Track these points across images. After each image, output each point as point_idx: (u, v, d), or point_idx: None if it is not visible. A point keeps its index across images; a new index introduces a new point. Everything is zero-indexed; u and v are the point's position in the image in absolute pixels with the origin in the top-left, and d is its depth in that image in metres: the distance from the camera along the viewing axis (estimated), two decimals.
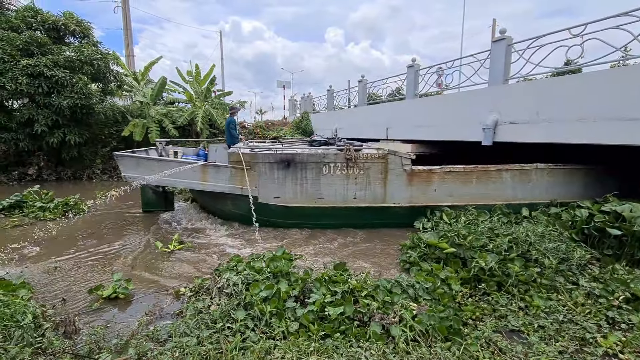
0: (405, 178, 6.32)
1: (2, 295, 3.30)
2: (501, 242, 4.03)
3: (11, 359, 2.31)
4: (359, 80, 12.69)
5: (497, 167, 6.38)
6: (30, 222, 6.70)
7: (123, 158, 6.57)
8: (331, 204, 6.32)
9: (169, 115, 14.66)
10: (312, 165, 6.21)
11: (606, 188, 6.29)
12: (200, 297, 3.30)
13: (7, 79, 10.54)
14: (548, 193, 6.42)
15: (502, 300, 3.24)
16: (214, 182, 6.34)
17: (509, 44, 6.94)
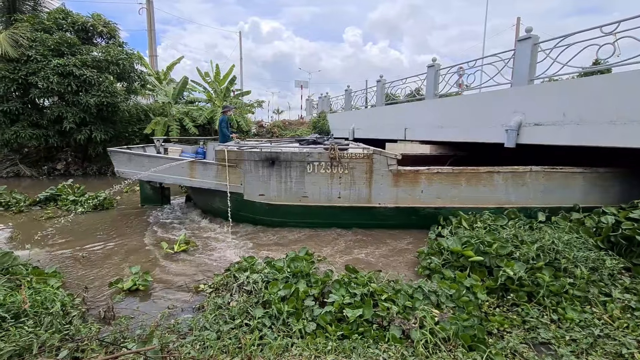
0: (390, 178, 6.19)
1: (35, 283, 3.48)
2: (528, 249, 3.84)
3: (42, 344, 2.42)
4: (377, 80, 12.59)
5: (487, 169, 6.12)
6: (63, 215, 7.01)
7: (116, 154, 6.84)
8: (315, 203, 6.29)
9: (189, 114, 15.00)
10: (296, 163, 6.20)
11: (611, 193, 6.02)
12: (220, 293, 3.35)
13: (39, 78, 11.07)
14: (544, 197, 6.10)
15: (533, 312, 3.07)
16: (201, 178, 6.49)
17: (535, 43, 6.72)
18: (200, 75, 16.60)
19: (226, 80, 16.74)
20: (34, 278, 3.65)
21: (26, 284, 3.42)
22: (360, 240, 5.77)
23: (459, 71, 9.36)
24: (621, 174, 6.01)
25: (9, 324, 2.60)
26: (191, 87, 17.16)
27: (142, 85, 15.03)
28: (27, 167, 12.88)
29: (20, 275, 3.67)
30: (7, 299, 2.83)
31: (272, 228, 6.30)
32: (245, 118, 16.44)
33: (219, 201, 6.49)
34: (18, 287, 3.37)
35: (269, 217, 6.45)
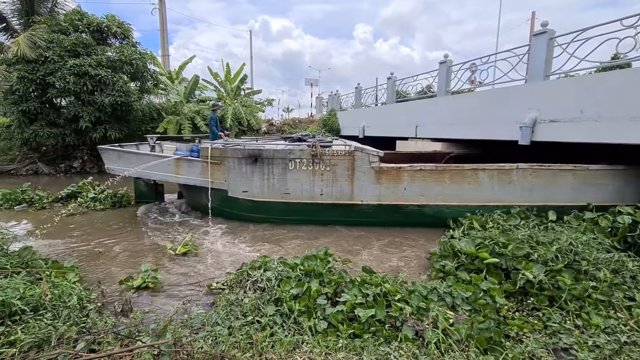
0: (373, 176, 6.11)
1: (54, 277, 3.59)
2: (546, 251, 3.70)
3: (60, 336, 2.50)
4: (388, 77, 12.48)
5: (472, 167, 5.99)
6: (83, 212, 7.21)
7: (106, 151, 7.02)
8: (297, 200, 6.28)
9: (200, 113, 15.18)
10: (278, 160, 6.20)
11: (605, 191, 5.80)
12: (234, 290, 3.37)
13: (56, 78, 11.37)
14: (532, 195, 5.93)
15: (555, 317, 2.94)
16: (187, 175, 6.60)
17: (551, 38, 6.55)
18: (211, 74, 16.79)
19: (237, 79, 16.87)
20: (54, 272, 3.76)
21: (46, 277, 3.53)
22: (363, 238, 5.70)
23: (472, 67, 9.20)
24: (615, 172, 5.80)
25: (28, 317, 2.69)
26: (202, 86, 17.35)
27: (155, 84, 15.27)
28: (45, 165, 13.26)
29: (40, 269, 3.79)
30: (26, 292, 2.93)
31: (278, 226, 6.31)
32: (256, 117, 16.54)
33: (205, 198, 6.59)
34: (38, 280, 3.48)
35: (253, 213, 6.51)
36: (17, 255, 4.02)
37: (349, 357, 2.06)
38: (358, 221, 6.29)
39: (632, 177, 5.74)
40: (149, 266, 4.07)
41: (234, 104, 15.82)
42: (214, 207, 6.56)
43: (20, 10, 13.75)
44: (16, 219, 6.72)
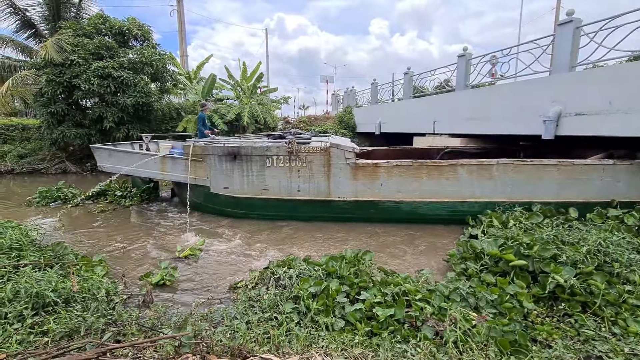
0: (349, 172, 6.08)
1: (83, 271, 3.77)
2: (574, 252, 3.50)
3: (88, 327, 2.62)
4: (405, 72, 12.28)
5: (450, 162, 5.85)
6: (113, 208, 7.52)
7: (97, 150, 7.38)
8: (276, 196, 6.35)
9: (218, 111, 15.44)
10: (256, 157, 6.29)
11: (592, 187, 5.54)
12: (256, 287, 3.40)
13: (82, 81, 11.83)
14: (514, 191, 5.72)
15: (590, 324, 2.76)
16: (172, 172, 6.87)
17: (577, 27, 6.27)
18: (228, 73, 17.02)
19: (253, 78, 17.04)
20: (83, 266, 3.95)
21: (75, 271, 3.71)
22: (377, 236, 5.64)
23: (492, 60, 8.92)
24: (603, 167, 5.51)
25: (60, 308, 2.84)
26: (219, 85, 17.63)
27: (174, 84, 15.63)
28: (72, 164, 13.86)
29: (71, 263, 3.98)
30: (58, 285, 3.09)
31: (288, 223, 6.36)
32: (272, 115, 16.66)
33: (191, 194, 6.81)
34: (69, 273, 3.66)
35: (234, 209, 6.66)
36: (51, 250, 4.26)
37: (365, 354, 2.07)
38: (335, 217, 6.33)
39: (623, 172, 5.47)
40: (168, 263, 4.19)
41: (251, 102, 16.00)
42: (199, 203, 6.89)
43: (48, 16, 14.36)
44: (51, 215, 7.09)
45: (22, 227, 4.71)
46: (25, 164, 13.76)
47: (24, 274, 3.24)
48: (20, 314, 2.71)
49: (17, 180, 12.28)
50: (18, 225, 4.76)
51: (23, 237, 4.28)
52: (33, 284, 2.98)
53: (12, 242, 4.07)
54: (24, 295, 2.87)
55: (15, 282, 3.02)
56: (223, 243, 5.30)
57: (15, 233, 4.30)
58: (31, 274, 3.25)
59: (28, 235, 4.44)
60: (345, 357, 1.99)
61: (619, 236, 3.92)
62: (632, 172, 5.45)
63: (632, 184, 5.46)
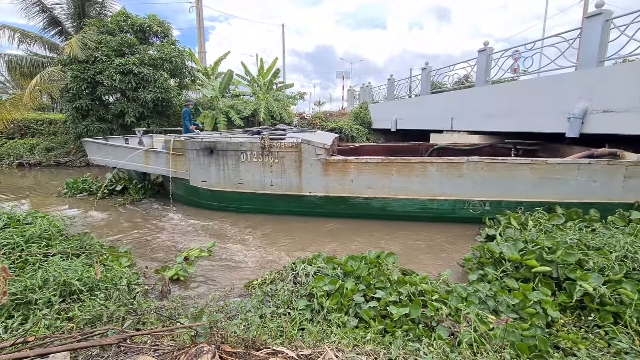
0: (320, 167, 6.15)
1: (109, 261, 3.94)
2: (602, 258, 3.31)
3: (110, 315, 2.74)
4: (423, 67, 12.06)
5: (420, 159, 5.83)
6: (131, 201, 7.74)
7: (87, 143, 7.81)
8: (250, 190, 6.56)
9: (234, 107, 15.62)
10: (231, 152, 6.48)
11: (567, 187, 5.40)
12: (273, 282, 3.44)
13: (105, 77, 12.22)
14: (485, 189, 5.62)
15: (622, 337, 2.55)
16: (155, 165, 7.21)
17: (607, 19, 5.98)
18: (244, 69, 17.18)
19: (269, 74, 17.12)
20: (110, 256, 4.13)
21: (100, 261, 3.88)
22: (389, 236, 5.54)
23: (515, 55, 8.63)
24: (579, 166, 5.33)
25: (85, 296, 2.98)
26: (236, 82, 17.81)
27: (192, 80, 15.90)
28: None
29: (98, 253, 4.17)
30: (84, 274, 3.23)
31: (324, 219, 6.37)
32: (288, 110, 16.73)
33: (174, 187, 7.12)
34: (95, 263, 3.83)
35: (211, 201, 6.91)
36: (78, 240, 4.45)
37: (377, 351, 2.07)
38: (307, 211, 6.46)
39: (600, 172, 5.29)
40: (182, 259, 4.26)
41: (267, 98, 16.10)
42: (181, 195, 7.28)
43: (73, 14, 14.86)
44: (77, 206, 7.42)
45: (50, 217, 4.92)
46: (52, 157, 14.38)
47: (53, 262, 3.40)
48: (49, 301, 2.85)
49: (44, 172, 12.86)
50: (46, 215, 4.98)
51: (51, 227, 4.49)
52: (61, 273, 3.13)
53: (41, 231, 4.28)
54: (52, 283, 3.02)
55: (45, 271, 3.18)
56: (237, 243, 5.32)
57: (44, 223, 4.50)
58: (59, 262, 3.41)
59: (56, 225, 4.65)
60: (357, 352, 2.00)
61: None
62: (610, 173, 5.28)
63: (609, 184, 5.29)
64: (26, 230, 4.12)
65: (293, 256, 4.41)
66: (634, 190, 5.26)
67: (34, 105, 14.59)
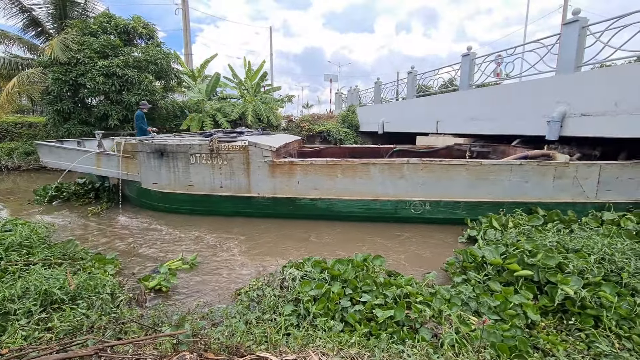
0: (267, 169, 6.29)
1: (95, 269, 3.82)
2: (581, 261, 3.35)
3: (91, 325, 2.67)
4: (409, 71, 12.24)
5: (363, 161, 5.99)
6: (106, 208, 7.47)
7: (39, 146, 7.78)
8: (200, 192, 6.63)
9: (222, 110, 15.50)
10: (181, 155, 6.57)
11: (501, 187, 5.64)
12: (260, 288, 3.39)
13: (87, 79, 11.95)
14: (425, 190, 5.84)
15: (602, 340, 2.59)
16: (106, 168, 7.20)
17: (583, 26, 6.20)
18: (232, 72, 17.08)
19: (257, 76, 17.07)
20: (96, 263, 4.02)
21: (86, 268, 3.79)
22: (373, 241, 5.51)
23: (497, 59, 8.85)
24: (511, 167, 5.58)
25: (66, 305, 2.89)
26: (223, 84, 17.69)
27: (179, 83, 15.70)
28: None
29: (84, 261, 4.06)
30: (65, 283, 3.14)
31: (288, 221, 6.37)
32: (275, 113, 16.69)
33: (127, 189, 7.12)
34: (79, 270, 3.72)
35: (163, 203, 6.96)
36: (61, 247, 4.30)
37: (362, 354, 2.08)
38: (256, 213, 6.55)
39: (531, 172, 5.54)
40: (167, 269, 4.08)
41: (254, 101, 16.03)
42: (133, 197, 7.35)
43: (54, 15, 14.49)
44: (51, 213, 7.16)
45: (31, 224, 4.76)
46: (31, 161, 13.93)
47: (34, 271, 3.30)
48: (29, 311, 2.76)
49: (23, 177, 12.45)
50: (27, 223, 4.82)
51: (32, 234, 4.34)
52: (42, 282, 3.04)
53: (22, 239, 4.14)
54: (32, 293, 2.93)
55: (25, 280, 3.08)
56: (224, 251, 5.18)
57: (25, 230, 4.36)
58: (40, 271, 3.31)
59: (37, 232, 4.50)
60: (342, 356, 2.01)
61: (623, 242, 3.80)
62: (540, 173, 5.52)
63: (541, 184, 5.54)
64: (5, 238, 3.97)
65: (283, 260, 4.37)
66: (563, 190, 5.52)
67: (12, 107, 14.16)
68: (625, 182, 5.37)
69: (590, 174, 5.44)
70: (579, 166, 5.45)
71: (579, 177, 5.46)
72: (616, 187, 5.41)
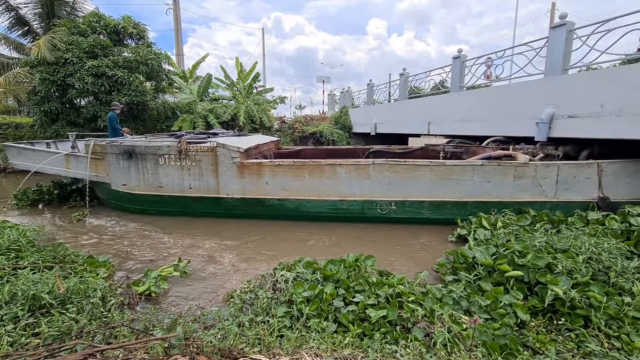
0: (236, 170, 6.34)
1: (87, 272, 3.75)
2: (570, 262, 3.38)
3: (81, 329, 2.62)
4: (400, 73, 12.34)
5: (329, 162, 6.09)
6: (88, 212, 7.28)
7: (7, 147, 7.76)
8: (170, 193, 6.66)
9: (213, 111, 15.39)
10: (150, 156, 6.59)
11: (465, 187, 5.78)
12: (253, 290, 3.37)
13: (76, 79, 11.75)
14: (391, 190, 5.95)
15: (591, 339, 2.61)
16: (75, 169, 7.16)
17: (570, 30, 6.34)
18: (224, 73, 16.98)
19: (249, 77, 17.01)
20: (88, 267, 3.94)
21: (77, 272, 3.72)
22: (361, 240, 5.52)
23: (487, 62, 8.99)
24: (473, 168, 5.73)
25: (55, 310, 2.83)
26: (215, 85, 17.57)
27: (170, 84, 15.55)
28: None
29: (75, 264, 3.97)
30: (54, 287, 3.07)
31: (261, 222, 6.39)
32: (268, 115, 16.65)
33: (99, 191, 7.15)
34: (69, 274, 3.64)
35: (132, 205, 6.98)
36: (51, 251, 4.21)
37: (355, 354, 2.09)
38: (225, 213, 6.60)
39: (493, 172, 5.68)
40: (158, 274, 3.95)
41: (247, 102, 15.96)
42: (104, 198, 7.34)
43: (42, 14, 14.24)
44: (41, 216, 7.01)
45: (20, 227, 4.66)
46: None
47: (22, 275, 3.22)
48: (16, 316, 2.70)
49: (9, 179, 12.17)
50: (16, 226, 4.72)
51: (21, 237, 4.25)
52: (30, 286, 2.97)
53: (10, 242, 4.05)
54: (20, 297, 2.86)
55: (13, 285, 3.01)
56: (214, 254, 5.06)
57: (13, 233, 4.26)
58: (29, 275, 3.23)
59: (27, 235, 4.40)
60: (335, 357, 2.01)
61: (609, 242, 3.84)
62: (501, 173, 5.66)
63: (502, 184, 5.68)
64: None
65: (274, 263, 4.34)
66: (524, 190, 5.66)
67: None
68: (582, 182, 5.52)
69: (548, 174, 5.58)
70: (538, 166, 5.60)
71: (538, 176, 5.59)
72: (574, 186, 5.56)
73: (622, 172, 5.43)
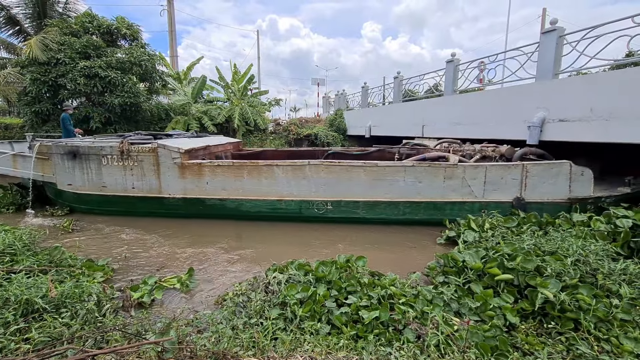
0: (177, 171, 6.45)
1: (84, 276, 3.70)
2: (559, 264, 3.38)
3: (72, 334, 2.58)
4: (395, 76, 12.43)
5: (267, 163, 6.23)
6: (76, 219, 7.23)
7: None
8: (113, 192, 6.78)
9: (208, 113, 15.32)
10: (93, 156, 6.70)
11: (397, 188, 5.89)
12: (245, 293, 3.34)
13: (68, 80, 11.60)
14: (327, 190, 6.09)
15: (581, 342, 2.61)
16: (22, 169, 7.30)
17: (560, 35, 6.46)
18: (219, 75, 16.93)
19: (244, 79, 16.98)
20: (85, 270, 3.90)
21: (75, 275, 3.70)
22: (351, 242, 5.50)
23: (480, 66, 9.11)
24: (405, 169, 5.87)
25: (48, 315, 2.78)
26: (210, 87, 17.50)
27: (164, 85, 15.44)
28: None
29: (73, 267, 3.92)
30: (48, 292, 3.01)
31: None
32: (263, 117, 16.62)
33: (48, 190, 7.23)
34: (69, 278, 3.60)
35: (78, 204, 7.10)
36: (47, 254, 4.15)
37: (350, 357, 2.09)
38: (168, 213, 6.71)
39: (424, 173, 5.82)
40: (156, 281, 3.88)
41: (241, 104, 15.92)
42: (52, 197, 7.40)
43: (33, 14, 14.05)
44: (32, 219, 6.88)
45: (15, 230, 4.60)
46: None
47: (16, 280, 3.16)
48: (7, 321, 2.64)
49: None
50: (11, 229, 4.65)
51: (17, 241, 4.18)
52: (23, 291, 2.92)
53: (5, 246, 3.98)
54: (13, 302, 2.81)
55: (6, 289, 2.95)
56: (205, 257, 5.00)
57: (8, 237, 4.19)
58: (23, 280, 3.17)
59: (22, 239, 4.32)
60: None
61: (596, 244, 3.85)
62: (432, 174, 5.80)
63: (433, 185, 5.83)
64: None
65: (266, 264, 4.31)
66: (454, 190, 5.79)
67: None
68: (509, 182, 5.65)
69: (477, 175, 5.70)
70: (467, 167, 5.72)
71: (467, 177, 5.72)
72: (501, 187, 5.69)
73: (546, 173, 5.56)
